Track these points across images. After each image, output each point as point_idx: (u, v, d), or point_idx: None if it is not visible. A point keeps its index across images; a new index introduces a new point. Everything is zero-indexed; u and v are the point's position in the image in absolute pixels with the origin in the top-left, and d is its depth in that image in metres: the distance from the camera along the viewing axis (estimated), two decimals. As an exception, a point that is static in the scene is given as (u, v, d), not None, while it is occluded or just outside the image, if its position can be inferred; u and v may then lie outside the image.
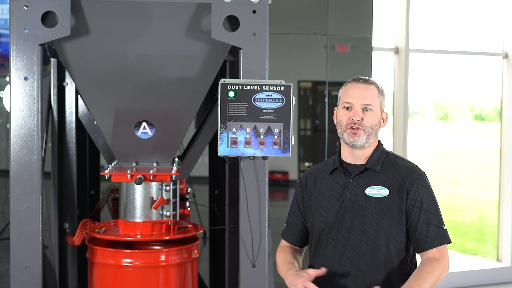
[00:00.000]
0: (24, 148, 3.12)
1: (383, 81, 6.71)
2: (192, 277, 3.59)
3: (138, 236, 3.48)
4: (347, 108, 2.68)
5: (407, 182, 2.65)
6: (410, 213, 2.64)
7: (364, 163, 2.72)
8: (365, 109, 2.67)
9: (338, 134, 2.73)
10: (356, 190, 2.70)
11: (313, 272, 2.59)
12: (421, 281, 2.54)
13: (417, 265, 2.66)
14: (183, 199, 4.40)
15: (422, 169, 2.71)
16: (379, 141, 2.79)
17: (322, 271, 2.61)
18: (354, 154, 2.73)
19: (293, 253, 2.89)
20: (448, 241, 2.63)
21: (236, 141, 3.12)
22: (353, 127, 2.65)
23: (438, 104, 9.03)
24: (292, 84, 3.14)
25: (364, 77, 2.73)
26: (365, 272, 2.64)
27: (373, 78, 2.77)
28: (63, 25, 3.08)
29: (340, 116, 2.70)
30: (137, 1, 3.19)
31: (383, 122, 2.74)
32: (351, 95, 2.67)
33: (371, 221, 2.66)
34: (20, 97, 3.12)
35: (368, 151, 2.73)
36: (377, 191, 2.68)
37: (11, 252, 3.15)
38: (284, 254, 2.87)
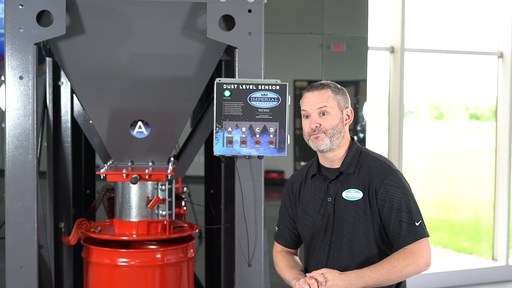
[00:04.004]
0: (19, 147, 3.12)
1: (379, 81, 6.72)
2: (188, 277, 3.59)
3: (134, 236, 3.47)
4: (306, 117, 2.75)
5: (375, 182, 2.68)
6: (381, 213, 2.68)
7: (339, 166, 2.76)
8: (321, 113, 2.72)
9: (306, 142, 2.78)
10: (336, 194, 2.75)
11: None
12: (376, 266, 2.59)
13: None
14: (178, 198, 4.40)
15: (393, 166, 2.72)
16: (352, 141, 2.81)
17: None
18: (328, 158, 2.78)
19: (293, 257, 2.95)
20: (422, 236, 2.62)
21: (231, 141, 3.13)
22: (314, 134, 2.71)
23: (433, 104, 9.04)
24: (287, 84, 3.14)
25: (317, 83, 2.78)
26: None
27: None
28: (58, 24, 3.07)
29: (303, 125, 2.78)
30: (132, 1, 3.19)
31: (348, 119, 2.77)
32: (305, 103, 2.75)
33: (349, 224, 2.71)
34: (15, 97, 3.11)
35: (340, 152, 2.76)
36: (352, 194, 2.72)
37: (7, 251, 3.14)
38: (285, 259, 2.91)
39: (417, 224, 2.62)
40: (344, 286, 2.56)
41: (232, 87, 3.11)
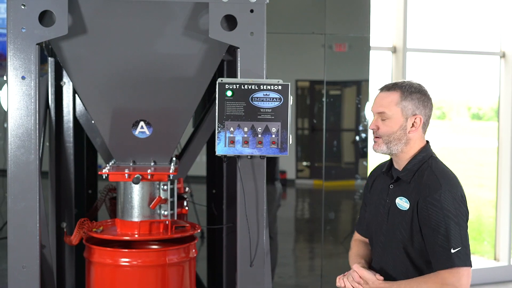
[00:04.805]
0: (21, 147, 3.12)
1: (381, 81, 6.71)
2: (190, 277, 3.59)
3: (136, 236, 3.47)
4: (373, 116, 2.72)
5: (420, 198, 2.58)
6: (422, 231, 2.58)
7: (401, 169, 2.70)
8: (382, 118, 2.66)
9: None
10: (392, 198, 2.69)
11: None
12: (406, 283, 2.55)
13: None
14: (180, 198, 4.40)
15: (447, 185, 2.55)
16: (424, 147, 2.69)
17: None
18: (394, 160, 2.74)
19: (365, 246, 2.94)
20: (456, 264, 2.49)
21: (233, 141, 3.12)
22: (374, 136, 2.69)
23: (435, 103, 9.02)
24: (289, 84, 3.14)
25: (392, 83, 2.69)
26: (398, 278, 2.65)
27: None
28: (61, 24, 3.07)
29: None
30: (135, 0, 3.19)
31: (413, 127, 2.64)
32: (372, 103, 2.71)
33: (397, 232, 2.66)
34: (18, 97, 3.11)
35: (405, 157, 2.69)
36: (402, 203, 2.65)
37: (9, 251, 3.14)
38: (356, 248, 2.93)
39: (453, 251, 2.49)
40: None
41: (234, 87, 3.11)
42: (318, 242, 5.81)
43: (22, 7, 3.06)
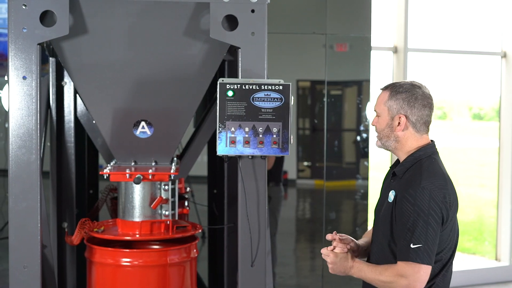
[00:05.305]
0: (22, 147, 3.12)
1: (382, 81, 6.71)
2: (191, 277, 3.59)
3: (137, 236, 3.48)
4: None
5: (399, 193, 2.66)
6: (396, 224, 2.68)
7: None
8: (377, 116, 2.81)
9: None
10: (387, 192, 2.79)
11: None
12: (375, 268, 2.67)
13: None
14: (181, 198, 4.40)
15: (427, 183, 2.59)
16: (423, 146, 2.74)
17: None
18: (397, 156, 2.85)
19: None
20: (412, 259, 2.54)
21: (234, 141, 3.12)
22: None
23: (436, 103, 9.02)
24: (290, 84, 3.14)
25: (391, 83, 2.81)
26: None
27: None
28: (62, 24, 3.07)
29: None
30: (136, 0, 3.19)
31: (399, 125, 2.73)
32: None
33: (381, 224, 2.77)
34: (19, 97, 3.11)
35: (400, 155, 2.79)
36: (391, 197, 2.73)
37: (10, 251, 3.15)
38: (367, 232, 3.04)
39: (412, 246, 2.55)
40: (342, 269, 2.72)
41: (235, 87, 3.11)
42: (319, 242, 5.81)
43: (23, 7, 3.07)
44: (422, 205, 2.56)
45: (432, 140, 2.80)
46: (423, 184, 2.59)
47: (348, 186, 6.06)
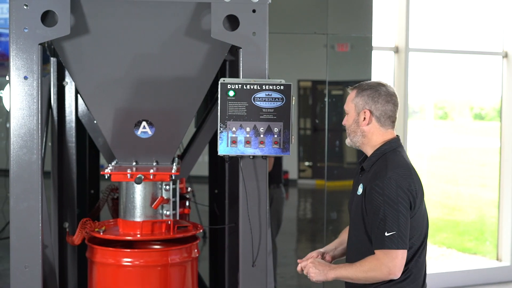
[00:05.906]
0: (23, 147, 3.12)
1: (383, 81, 6.70)
2: (192, 277, 3.59)
3: (138, 236, 3.48)
4: None
5: (368, 185, 2.77)
6: (367, 215, 2.78)
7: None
8: (346, 114, 2.94)
9: None
10: (357, 186, 2.91)
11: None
12: (351, 265, 2.77)
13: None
14: (183, 198, 4.39)
15: (393, 174, 2.72)
16: (388, 141, 2.87)
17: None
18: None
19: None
20: (388, 247, 2.65)
21: (236, 141, 3.12)
22: None
23: (438, 103, 9.02)
24: (292, 84, 3.14)
25: (357, 84, 2.96)
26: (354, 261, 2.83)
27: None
28: (63, 24, 3.08)
29: None
30: (137, 0, 3.19)
31: (364, 120, 2.86)
32: None
33: (353, 218, 2.90)
34: (20, 97, 3.11)
35: (367, 150, 2.91)
36: (359, 189, 2.86)
37: (11, 251, 3.15)
38: (343, 232, 3.14)
39: (387, 234, 2.65)
40: (323, 274, 2.85)
41: (236, 87, 3.11)
42: (320, 242, 5.80)
43: (25, 7, 3.07)
44: (390, 194, 2.68)
45: (397, 135, 2.92)
46: (389, 175, 2.71)
47: (349, 186, 6.00)
